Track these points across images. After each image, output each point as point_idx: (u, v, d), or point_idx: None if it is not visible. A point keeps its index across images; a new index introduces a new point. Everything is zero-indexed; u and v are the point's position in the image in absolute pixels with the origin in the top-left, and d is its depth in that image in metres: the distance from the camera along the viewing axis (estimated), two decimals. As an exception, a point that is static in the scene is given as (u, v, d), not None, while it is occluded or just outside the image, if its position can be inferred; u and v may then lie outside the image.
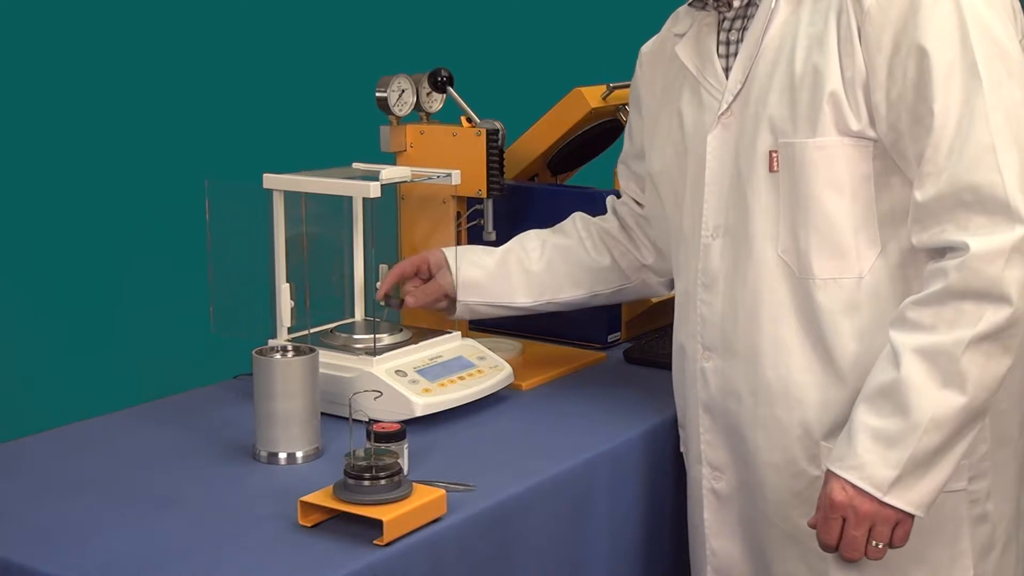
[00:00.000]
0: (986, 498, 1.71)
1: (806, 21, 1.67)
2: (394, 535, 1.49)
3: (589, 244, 2.10)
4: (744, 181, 1.72)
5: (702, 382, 1.81)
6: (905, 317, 1.58)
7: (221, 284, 1.98)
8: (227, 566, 1.44)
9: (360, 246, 2.05)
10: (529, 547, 1.70)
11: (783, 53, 1.68)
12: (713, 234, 1.77)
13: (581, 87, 2.38)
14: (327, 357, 1.91)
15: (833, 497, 1.59)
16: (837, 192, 1.64)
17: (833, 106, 1.62)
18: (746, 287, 1.73)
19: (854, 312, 1.66)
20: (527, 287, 2.07)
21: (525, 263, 2.07)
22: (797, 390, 1.70)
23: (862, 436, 1.57)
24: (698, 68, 1.80)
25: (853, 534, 1.59)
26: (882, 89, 1.59)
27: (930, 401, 1.54)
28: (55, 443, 1.84)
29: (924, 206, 1.57)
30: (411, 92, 2.18)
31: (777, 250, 1.70)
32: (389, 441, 1.64)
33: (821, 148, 1.64)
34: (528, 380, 2.11)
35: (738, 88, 1.73)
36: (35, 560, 1.45)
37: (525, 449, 1.83)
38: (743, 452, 1.78)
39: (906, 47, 1.57)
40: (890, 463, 1.55)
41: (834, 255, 1.66)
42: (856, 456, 1.57)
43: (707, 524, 1.85)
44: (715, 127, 1.76)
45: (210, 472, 1.72)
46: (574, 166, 2.56)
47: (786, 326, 1.70)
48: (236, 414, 1.93)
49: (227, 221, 1.98)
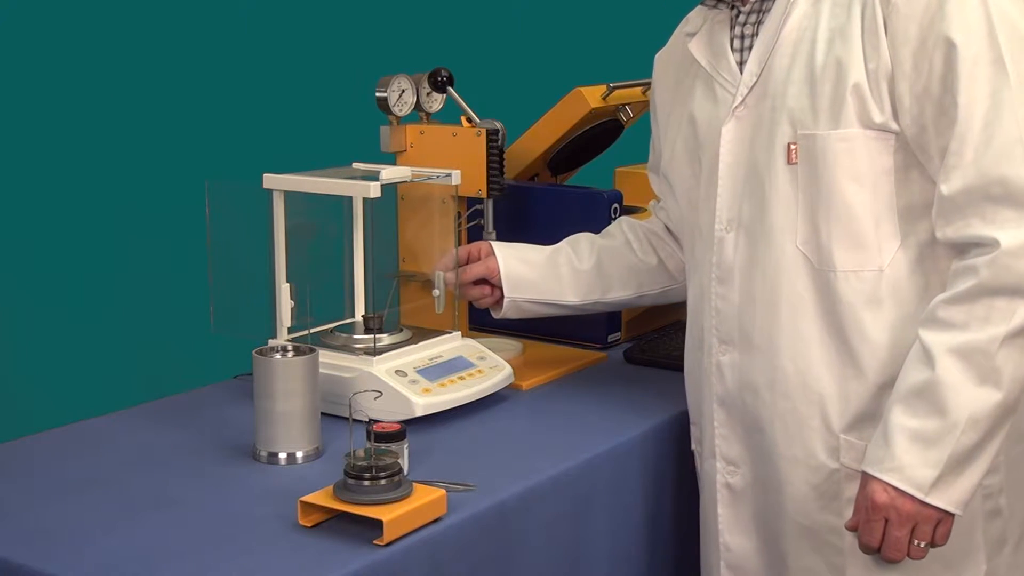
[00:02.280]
0: (999, 493, 1.71)
1: (827, 14, 1.67)
2: (394, 535, 1.49)
3: (636, 245, 2.10)
4: (761, 174, 1.72)
5: (718, 376, 1.81)
6: (936, 316, 1.58)
7: (221, 284, 1.98)
8: (227, 566, 1.43)
9: (360, 246, 2.05)
10: (529, 547, 1.70)
11: (802, 46, 1.68)
12: (727, 227, 1.77)
13: (581, 87, 2.38)
14: (327, 357, 1.91)
15: (875, 499, 1.59)
16: (858, 184, 1.64)
17: (856, 98, 1.62)
18: (764, 280, 1.73)
19: (874, 305, 1.66)
20: (576, 286, 2.07)
21: (574, 262, 2.08)
22: (816, 383, 1.70)
23: (900, 437, 1.57)
24: (711, 63, 1.81)
25: (896, 535, 1.59)
26: (907, 81, 1.59)
27: (967, 399, 1.54)
28: (55, 443, 1.84)
29: (950, 199, 1.57)
30: (411, 92, 2.18)
31: (796, 242, 1.69)
32: (389, 441, 1.64)
33: (844, 140, 1.63)
34: (528, 380, 2.11)
35: (753, 81, 1.73)
36: (35, 560, 1.45)
37: (525, 449, 1.83)
38: (760, 446, 1.77)
39: (933, 39, 1.57)
40: (930, 463, 1.55)
41: (855, 247, 1.66)
42: (895, 458, 1.57)
43: (721, 519, 1.85)
44: (729, 120, 1.76)
45: (210, 472, 1.72)
46: (574, 166, 2.56)
47: (805, 318, 1.70)
48: (236, 414, 1.93)
49: (227, 221, 1.98)
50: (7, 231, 2.69)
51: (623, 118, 2.49)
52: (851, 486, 1.69)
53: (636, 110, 2.50)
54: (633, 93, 2.46)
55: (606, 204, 2.29)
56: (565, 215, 2.30)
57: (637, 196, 2.69)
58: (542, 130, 2.44)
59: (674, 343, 2.29)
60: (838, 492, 1.71)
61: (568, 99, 2.40)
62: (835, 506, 1.72)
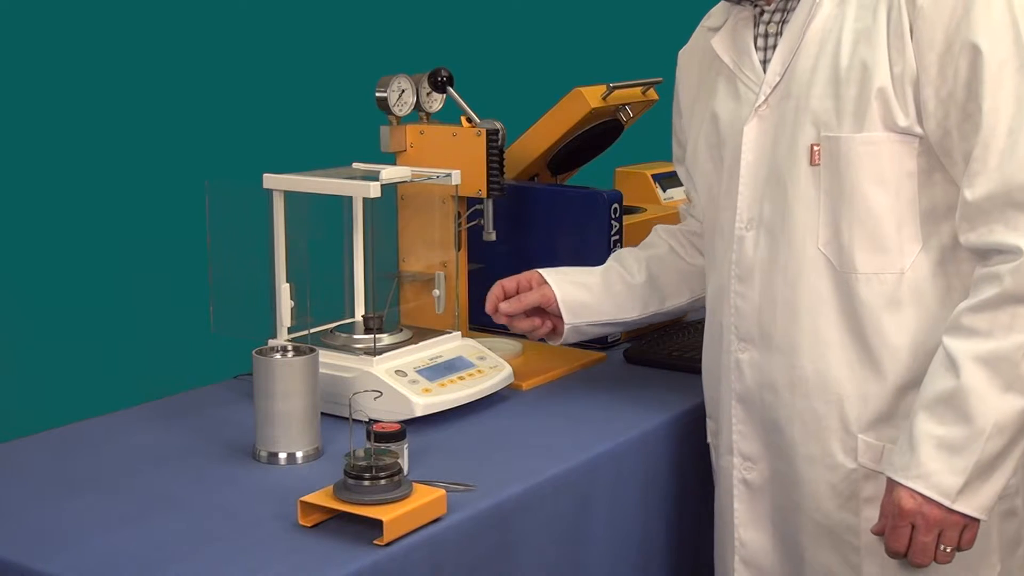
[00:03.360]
0: (1015, 494, 1.71)
1: (852, 16, 1.67)
2: (394, 535, 1.49)
3: (681, 251, 2.10)
4: (783, 174, 1.72)
5: (736, 373, 1.81)
6: (960, 324, 1.58)
7: (221, 284, 1.98)
8: (227, 566, 1.43)
9: (360, 246, 2.05)
10: (529, 547, 1.70)
11: (827, 47, 1.68)
12: (747, 226, 1.77)
13: (581, 87, 2.38)
14: (327, 357, 1.91)
15: (902, 504, 1.59)
16: (881, 187, 1.64)
17: (881, 102, 1.62)
18: (785, 280, 1.73)
19: (895, 307, 1.66)
20: (633, 301, 2.06)
21: (626, 278, 2.07)
22: (835, 384, 1.70)
23: (926, 445, 1.58)
24: (734, 61, 1.80)
25: (923, 540, 1.59)
26: (932, 86, 1.59)
27: (992, 407, 1.54)
28: (55, 443, 1.84)
29: (974, 204, 1.58)
30: (411, 92, 2.18)
31: (817, 243, 1.69)
32: (389, 441, 1.64)
33: (868, 143, 1.64)
34: (528, 380, 2.11)
35: (776, 80, 1.73)
36: (35, 560, 1.45)
37: (525, 449, 1.83)
38: (778, 443, 1.78)
39: (959, 44, 1.57)
40: (956, 470, 1.56)
41: (877, 250, 1.66)
42: (921, 465, 1.58)
43: (737, 514, 1.85)
44: (752, 119, 1.76)
45: (210, 472, 1.72)
46: (574, 166, 2.56)
47: (825, 319, 1.70)
48: (236, 414, 1.93)
49: (227, 221, 1.98)
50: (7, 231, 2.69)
51: (623, 118, 2.49)
52: (868, 485, 1.70)
53: (636, 110, 2.50)
54: (633, 93, 2.46)
55: (606, 204, 2.29)
56: (565, 215, 2.30)
57: (637, 196, 2.70)
58: (542, 130, 2.44)
59: (674, 343, 2.29)
60: (855, 491, 1.72)
61: (568, 99, 2.40)
62: (852, 505, 1.72)
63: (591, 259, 2.15)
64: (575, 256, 2.28)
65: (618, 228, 2.31)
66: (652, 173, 2.76)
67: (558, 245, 2.33)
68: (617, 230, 2.31)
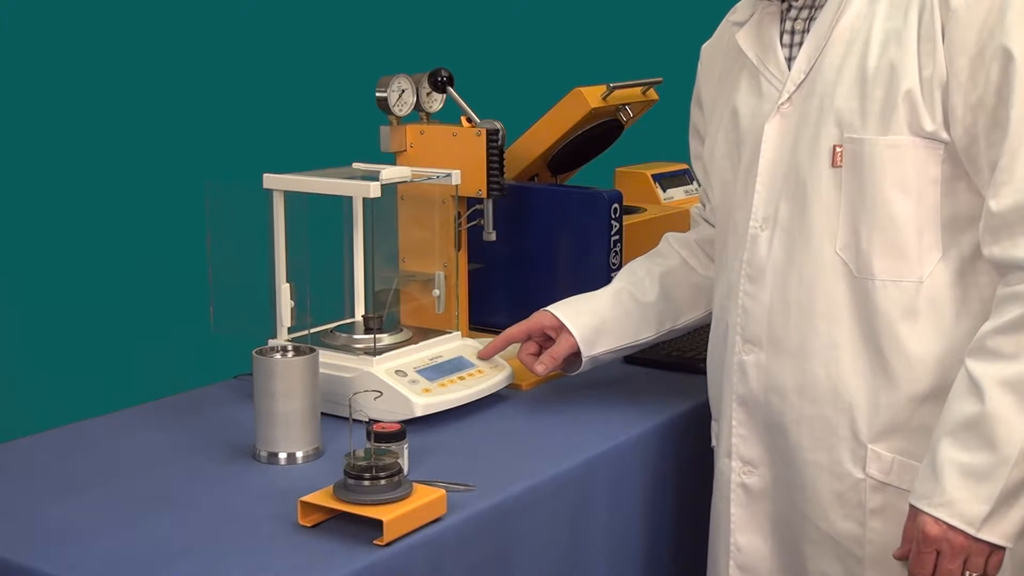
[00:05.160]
0: None
1: (882, 15, 1.63)
2: (394, 535, 1.49)
3: (693, 261, 2.06)
4: (803, 174, 1.69)
5: (740, 375, 1.78)
6: (984, 346, 1.55)
7: (221, 284, 1.98)
8: (227, 566, 1.44)
9: (360, 246, 2.05)
10: (529, 547, 1.70)
11: (855, 46, 1.65)
12: (762, 226, 1.74)
13: (581, 87, 2.38)
14: (327, 357, 1.91)
15: (927, 531, 1.56)
16: (904, 193, 1.61)
17: (908, 104, 1.59)
18: (800, 283, 1.70)
19: (911, 316, 1.63)
20: (646, 320, 2.02)
21: (638, 296, 2.02)
22: (847, 391, 1.67)
23: (950, 472, 1.54)
24: (759, 56, 1.77)
25: (949, 567, 1.56)
26: (962, 91, 1.56)
27: (1018, 433, 1.51)
28: (55, 443, 1.84)
29: (999, 216, 1.54)
30: (411, 92, 2.18)
31: (835, 246, 1.66)
32: (389, 441, 1.64)
33: (892, 147, 1.60)
34: (528, 380, 2.11)
35: (801, 78, 1.70)
36: (35, 560, 1.45)
37: (525, 449, 1.83)
38: (782, 448, 1.75)
39: (992, 49, 1.53)
40: (981, 498, 1.52)
41: (896, 256, 1.62)
42: (945, 493, 1.54)
43: (733, 519, 1.83)
44: (773, 116, 1.73)
45: (210, 472, 1.72)
46: (574, 166, 2.56)
47: (840, 325, 1.67)
48: (236, 414, 1.93)
49: (227, 221, 1.98)
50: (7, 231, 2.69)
51: (623, 118, 2.49)
52: (875, 497, 1.68)
53: (636, 110, 2.50)
54: (633, 93, 2.46)
55: (606, 204, 2.29)
56: (565, 215, 2.30)
57: (637, 196, 2.70)
58: (542, 130, 2.44)
59: (673, 343, 2.29)
60: (862, 501, 1.69)
61: (568, 99, 2.40)
62: (858, 515, 1.70)
63: (591, 259, 2.15)
64: (575, 256, 2.28)
65: (618, 228, 2.31)
66: (652, 173, 2.77)
67: (558, 245, 2.33)
68: (617, 230, 2.31)
